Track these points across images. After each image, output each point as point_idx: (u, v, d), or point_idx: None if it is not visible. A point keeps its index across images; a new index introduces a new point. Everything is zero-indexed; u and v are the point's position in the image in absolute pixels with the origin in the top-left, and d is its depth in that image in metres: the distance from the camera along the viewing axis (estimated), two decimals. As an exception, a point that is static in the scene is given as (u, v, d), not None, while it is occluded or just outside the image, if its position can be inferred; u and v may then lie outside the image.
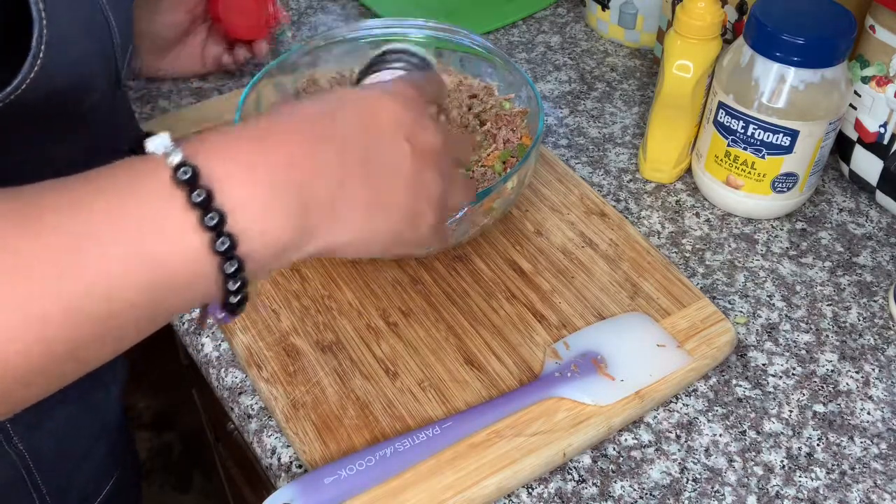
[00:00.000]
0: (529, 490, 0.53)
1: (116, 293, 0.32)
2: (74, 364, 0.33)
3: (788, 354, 0.61)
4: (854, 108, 0.70)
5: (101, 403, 0.64)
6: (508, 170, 0.62)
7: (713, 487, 0.53)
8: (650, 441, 0.55)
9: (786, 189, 0.68)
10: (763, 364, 0.60)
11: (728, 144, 0.67)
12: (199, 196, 0.33)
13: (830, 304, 0.64)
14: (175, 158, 0.34)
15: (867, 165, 0.71)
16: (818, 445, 0.55)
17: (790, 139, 0.65)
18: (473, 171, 0.63)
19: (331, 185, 0.38)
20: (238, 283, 0.35)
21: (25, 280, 0.30)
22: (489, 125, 0.67)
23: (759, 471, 0.54)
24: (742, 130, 0.66)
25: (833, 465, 0.54)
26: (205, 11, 0.79)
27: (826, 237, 0.70)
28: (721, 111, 0.67)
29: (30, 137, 0.48)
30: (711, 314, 0.61)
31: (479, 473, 0.51)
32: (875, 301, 0.65)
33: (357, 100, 0.42)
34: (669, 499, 0.52)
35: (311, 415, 0.54)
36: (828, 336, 0.62)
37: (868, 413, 0.57)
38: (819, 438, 0.56)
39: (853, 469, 0.54)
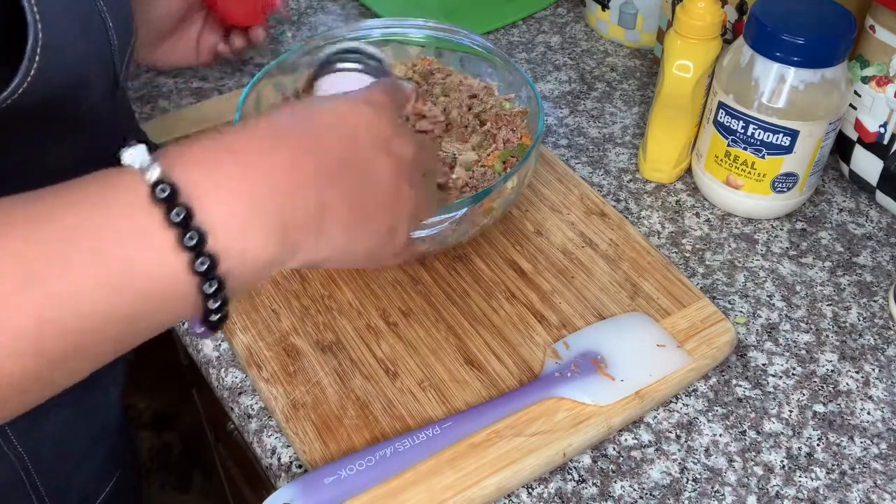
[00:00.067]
0: (529, 490, 0.53)
1: (88, 311, 0.31)
2: (49, 380, 0.32)
3: (788, 354, 0.61)
4: (854, 108, 0.70)
5: (100, 405, 0.64)
6: (508, 170, 0.62)
7: (713, 487, 0.53)
8: (650, 441, 0.55)
9: (786, 189, 0.68)
10: (763, 364, 0.60)
11: (728, 144, 0.67)
12: (179, 215, 0.32)
13: (830, 304, 0.64)
14: (153, 174, 0.32)
15: (867, 165, 0.71)
16: (818, 445, 0.55)
17: (790, 139, 0.65)
18: (473, 171, 0.63)
19: (312, 200, 0.37)
20: (218, 302, 0.34)
21: None
22: (489, 125, 0.67)
23: (759, 471, 0.54)
24: (742, 130, 0.66)
25: (833, 465, 0.54)
26: (200, 0, 0.78)
27: (826, 237, 0.70)
28: (721, 111, 0.67)
29: (29, 138, 0.48)
30: (711, 314, 0.61)
31: (479, 473, 0.51)
32: (875, 301, 0.65)
33: (335, 111, 0.41)
34: (669, 499, 0.52)
35: (311, 415, 0.54)
36: (828, 336, 0.62)
37: (868, 413, 0.57)
38: (819, 438, 0.56)
39: (853, 469, 0.54)
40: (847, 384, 0.59)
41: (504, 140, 0.65)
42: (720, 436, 0.56)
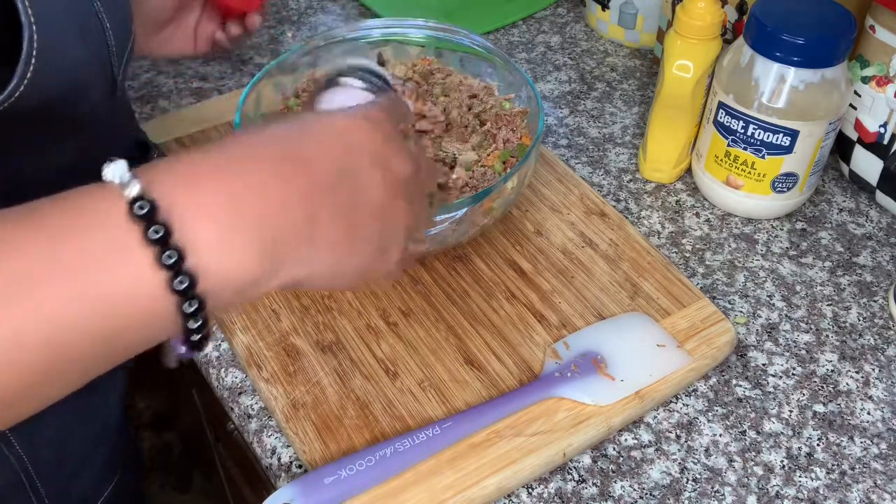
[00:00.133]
0: (529, 490, 0.53)
1: (67, 326, 0.31)
2: (33, 395, 0.32)
3: (788, 354, 0.61)
4: (854, 108, 0.70)
5: (99, 411, 0.64)
6: (508, 170, 0.62)
7: (713, 487, 0.53)
8: (650, 441, 0.55)
9: (786, 189, 0.68)
10: (763, 364, 0.60)
11: (728, 144, 0.67)
12: (157, 233, 0.31)
13: (830, 304, 0.64)
14: (132, 191, 0.32)
15: (867, 165, 0.71)
16: (818, 445, 0.55)
17: (790, 139, 0.65)
18: (473, 171, 0.63)
19: (298, 218, 0.36)
20: (199, 322, 0.33)
21: None
22: (489, 125, 0.67)
23: (759, 471, 0.54)
24: (742, 130, 0.66)
25: (833, 465, 0.54)
26: None
27: (826, 237, 0.70)
28: (721, 111, 0.67)
29: (29, 139, 0.48)
30: (711, 314, 0.61)
31: (479, 473, 0.51)
32: (875, 301, 0.65)
33: (333, 125, 0.40)
34: (669, 499, 0.52)
35: (311, 415, 0.54)
36: (828, 336, 0.62)
37: (868, 413, 0.57)
38: (819, 438, 0.56)
39: (853, 469, 0.54)
40: (847, 384, 0.59)
41: (504, 140, 0.65)
42: (720, 436, 0.56)
